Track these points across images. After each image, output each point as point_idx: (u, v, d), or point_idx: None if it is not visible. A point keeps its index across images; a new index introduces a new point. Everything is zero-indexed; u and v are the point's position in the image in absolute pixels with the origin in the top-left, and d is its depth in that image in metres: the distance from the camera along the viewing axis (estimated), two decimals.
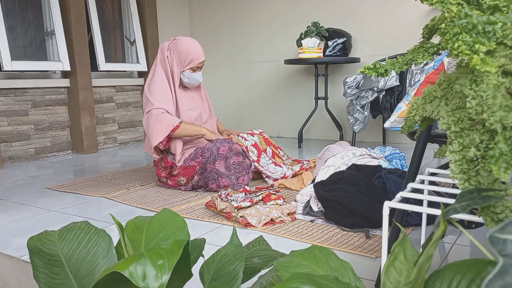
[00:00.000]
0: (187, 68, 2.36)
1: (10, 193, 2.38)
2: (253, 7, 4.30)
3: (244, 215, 1.75)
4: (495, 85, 0.56)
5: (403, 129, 0.87)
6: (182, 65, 2.36)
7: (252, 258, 0.84)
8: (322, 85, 3.70)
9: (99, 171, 2.92)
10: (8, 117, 3.25)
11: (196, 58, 2.35)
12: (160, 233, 0.80)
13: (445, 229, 0.55)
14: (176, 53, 2.35)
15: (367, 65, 0.78)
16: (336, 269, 0.65)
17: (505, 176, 0.50)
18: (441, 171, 1.00)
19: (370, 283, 1.23)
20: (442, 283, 0.53)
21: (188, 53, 2.34)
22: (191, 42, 2.38)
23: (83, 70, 3.58)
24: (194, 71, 2.38)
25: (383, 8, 3.61)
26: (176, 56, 2.35)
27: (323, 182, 1.92)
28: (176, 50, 2.35)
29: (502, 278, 0.38)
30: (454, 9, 0.66)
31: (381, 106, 3.12)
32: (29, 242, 0.81)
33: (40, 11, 3.50)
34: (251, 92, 4.45)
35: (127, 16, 4.14)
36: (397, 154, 2.29)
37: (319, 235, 1.63)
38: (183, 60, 2.35)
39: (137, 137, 4.24)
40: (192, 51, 2.35)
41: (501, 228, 0.41)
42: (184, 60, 2.34)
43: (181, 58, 2.35)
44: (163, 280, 0.60)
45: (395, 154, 2.29)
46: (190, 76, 2.37)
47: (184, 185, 2.34)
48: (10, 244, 1.62)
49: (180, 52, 2.34)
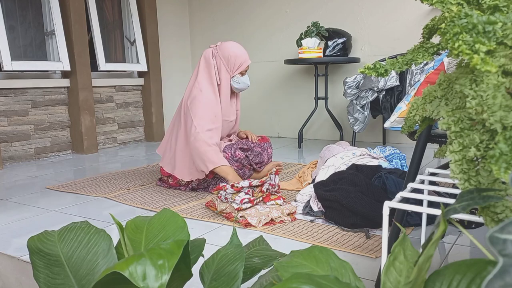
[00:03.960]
0: (236, 72, 2.32)
1: (10, 193, 2.38)
2: (253, 7, 4.30)
3: (244, 215, 1.75)
4: (495, 85, 0.56)
5: (403, 129, 0.87)
6: (232, 70, 2.31)
7: (252, 258, 0.84)
8: (322, 85, 3.70)
9: (99, 171, 2.92)
10: (8, 117, 3.24)
11: (245, 62, 2.33)
12: (160, 233, 0.80)
13: (445, 229, 0.55)
14: (224, 58, 2.30)
15: (367, 65, 0.78)
16: (336, 269, 0.65)
17: (505, 176, 0.50)
18: (441, 171, 1.00)
19: (370, 283, 1.23)
20: (442, 283, 0.53)
21: (237, 57, 2.30)
22: (237, 46, 2.34)
23: (83, 70, 3.58)
24: (243, 75, 2.35)
25: (383, 8, 3.61)
26: (224, 61, 2.30)
27: (323, 182, 1.92)
28: (223, 56, 2.30)
29: (502, 278, 0.38)
30: (454, 9, 0.66)
31: (381, 106, 3.12)
32: (29, 242, 0.81)
33: (40, 11, 3.50)
34: (251, 92, 4.45)
35: (127, 16, 4.14)
36: (397, 154, 2.29)
37: (319, 235, 1.63)
38: (232, 65, 2.30)
39: (137, 137, 4.24)
40: (240, 55, 2.31)
41: (501, 228, 0.41)
42: (234, 64, 2.30)
43: (230, 63, 2.30)
44: (163, 280, 0.60)
45: (395, 154, 2.29)
46: (240, 80, 2.34)
47: (184, 185, 2.34)
48: (10, 244, 1.62)
49: (228, 57, 2.29)
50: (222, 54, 2.30)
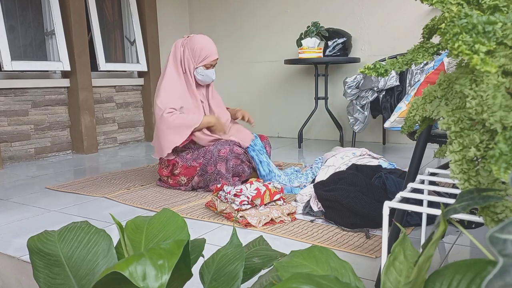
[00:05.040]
0: (201, 64, 2.37)
1: (10, 193, 2.38)
2: (253, 7, 4.30)
3: (244, 215, 1.75)
4: (495, 85, 0.56)
5: (403, 129, 0.87)
6: (196, 61, 2.37)
7: (252, 258, 0.84)
8: (322, 85, 3.70)
9: (99, 171, 2.92)
10: (8, 117, 3.24)
11: (211, 55, 2.37)
12: (160, 233, 0.80)
13: (445, 229, 0.55)
14: (191, 49, 2.36)
15: (367, 65, 0.78)
16: (336, 269, 0.65)
17: (505, 176, 0.50)
18: (441, 171, 1.00)
19: (370, 283, 1.23)
20: (442, 283, 0.53)
21: (203, 50, 2.35)
22: (205, 39, 2.40)
23: (83, 70, 3.58)
24: (208, 68, 2.39)
25: (383, 8, 3.61)
26: (191, 52, 2.36)
27: (323, 182, 1.92)
28: (190, 46, 2.36)
29: (502, 278, 0.38)
30: (454, 9, 0.66)
31: (381, 106, 3.12)
32: (29, 242, 0.81)
33: (40, 11, 3.50)
34: (251, 92, 4.45)
35: (127, 16, 4.14)
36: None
37: (319, 235, 1.63)
38: (197, 56, 2.36)
39: (137, 137, 4.24)
40: (206, 48, 2.36)
41: (501, 228, 0.41)
42: (199, 56, 2.36)
43: (195, 54, 2.36)
44: (163, 280, 0.60)
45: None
46: (204, 73, 2.38)
47: (184, 185, 2.34)
48: (10, 244, 1.62)
49: (194, 48, 2.35)
50: (190, 44, 2.37)
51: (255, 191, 1.83)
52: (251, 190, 1.84)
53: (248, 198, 1.80)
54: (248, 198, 1.80)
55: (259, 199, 1.81)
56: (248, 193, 1.82)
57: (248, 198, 1.80)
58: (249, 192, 1.82)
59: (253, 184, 1.88)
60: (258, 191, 1.83)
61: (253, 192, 1.83)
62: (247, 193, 1.82)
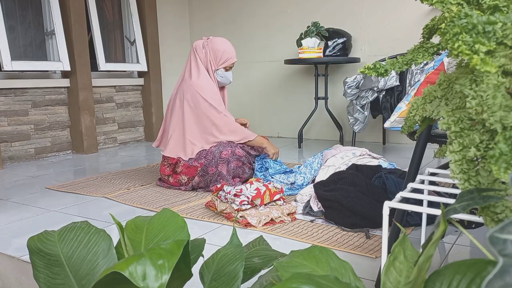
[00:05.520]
0: (221, 66, 2.42)
1: (10, 193, 2.38)
2: (253, 7, 4.30)
3: (244, 215, 1.75)
4: (495, 85, 0.56)
5: (403, 129, 0.87)
6: (217, 63, 2.41)
7: (252, 258, 0.84)
8: (322, 85, 3.70)
9: (99, 171, 2.92)
10: (8, 117, 3.24)
11: (232, 57, 2.43)
12: (160, 233, 0.80)
13: (445, 229, 0.55)
14: (212, 51, 2.40)
15: (367, 65, 0.78)
16: (336, 269, 0.65)
17: (505, 176, 0.50)
18: (441, 171, 1.00)
19: (370, 283, 1.23)
20: (442, 283, 0.53)
21: (224, 52, 2.40)
22: (226, 42, 2.46)
23: (83, 70, 3.58)
24: (227, 70, 2.45)
25: (383, 8, 3.61)
26: (212, 54, 2.40)
27: (323, 182, 1.92)
28: (212, 48, 2.40)
29: (502, 278, 0.38)
30: (454, 9, 0.66)
31: (381, 106, 3.12)
32: (29, 242, 0.81)
33: (40, 11, 3.50)
34: (251, 92, 4.45)
35: (127, 16, 4.14)
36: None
37: (319, 235, 1.63)
38: (218, 58, 2.40)
39: (137, 137, 4.24)
40: (228, 50, 2.42)
41: (501, 228, 0.41)
42: (220, 58, 2.40)
43: (217, 56, 2.40)
44: (163, 280, 0.60)
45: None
46: (223, 74, 2.44)
47: (185, 185, 2.34)
48: (10, 244, 1.62)
49: (216, 50, 2.40)
50: (212, 46, 2.40)
51: (255, 191, 1.83)
52: (251, 190, 1.84)
53: (248, 198, 1.80)
54: (248, 198, 1.80)
55: (259, 199, 1.81)
56: (248, 193, 1.82)
57: (248, 198, 1.80)
58: (249, 192, 1.82)
59: (253, 184, 1.88)
60: (258, 191, 1.83)
61: (253, 192, 1.83)
62: (247, 193, 1.82)
